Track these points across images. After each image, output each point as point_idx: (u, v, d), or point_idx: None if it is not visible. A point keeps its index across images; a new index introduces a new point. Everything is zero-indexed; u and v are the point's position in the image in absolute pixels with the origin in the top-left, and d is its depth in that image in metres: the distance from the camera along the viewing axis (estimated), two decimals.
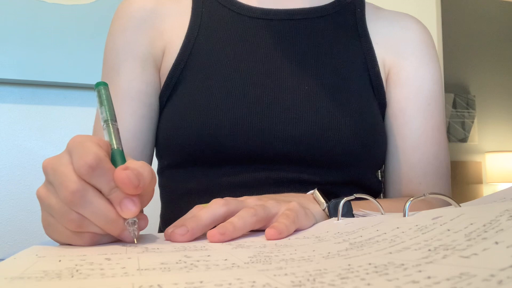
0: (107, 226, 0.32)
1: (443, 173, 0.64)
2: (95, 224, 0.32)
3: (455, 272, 0.16)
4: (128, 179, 0.31)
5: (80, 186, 0.31)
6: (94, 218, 0.32)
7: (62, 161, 0.32)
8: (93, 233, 0.33)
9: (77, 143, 0.32)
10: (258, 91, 0.57)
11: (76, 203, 0.31)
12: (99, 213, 0.32)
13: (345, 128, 0.57)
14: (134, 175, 0.31)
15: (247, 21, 0.63)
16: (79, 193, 0.31)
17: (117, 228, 0.33)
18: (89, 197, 0.31)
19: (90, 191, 0.31)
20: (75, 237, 0.33)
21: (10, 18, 1.25)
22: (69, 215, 0.32)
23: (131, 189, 0.31)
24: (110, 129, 0.37)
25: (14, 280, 0.21)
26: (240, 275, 0.21)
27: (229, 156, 0.56)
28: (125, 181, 0.31)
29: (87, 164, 0.31)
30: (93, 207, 0.31)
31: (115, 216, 0.32)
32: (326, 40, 0.63)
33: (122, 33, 0.62)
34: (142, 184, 0.32)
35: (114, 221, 0.32)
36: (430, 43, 0.68)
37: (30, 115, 1.30)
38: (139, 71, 0.61)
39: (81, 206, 0.31)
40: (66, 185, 0.31)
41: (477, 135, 3.49)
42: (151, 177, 0.33)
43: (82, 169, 0.31)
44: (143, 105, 0.60)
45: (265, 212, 0.39)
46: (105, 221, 0.32)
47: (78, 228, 0.32)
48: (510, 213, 0.23)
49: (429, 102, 0.64)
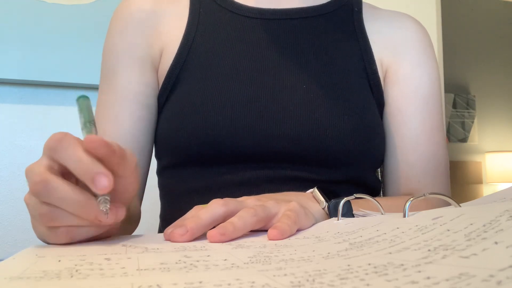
0: (79, 209, 0.31)
1: (442, 172, 0.64)
2: (66, 210, 0.32)
3: (455, 273, 0.16)
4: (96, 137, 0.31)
5: (43, 175, 0.31)
6: (63, 203, 0.31)
7: (36, 161, 0.33)
8: (67, 227, 0.33)
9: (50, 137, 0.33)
10: (256, 90, 0.57)
11: (41, 192, 0.31)
12: (67, 197, 0.31)
13: (343, 127, 0.57)
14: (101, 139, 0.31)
15: (244, 21, 0.63)
16: (42, 182, 0.31)
17: (90, 210, 0.32)
18: (53, 183, 0.31)
19: (54, 178, 0.31)
20: (50, 234, 0.33)
21: (10, 18, 1.25)
22: (39, 209, 0.32)
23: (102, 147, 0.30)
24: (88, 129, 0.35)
25: (13, 280, 0.21)
26: (240, 275, 0.21)
27: (228, 155, 0.56)
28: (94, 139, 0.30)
29: (54, 139, 0.31)
30: (59, 193, 0.31)
31: (84, 197, 0.31)
32: (324, 39, 0.63)
33: (120, 35, 0.62)
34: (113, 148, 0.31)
35: (84, 203, 0.31)
36: (428, 42, 0.68)
37: (30, 115, 1.30)
38: (138, 72, 0.61)
39: (47, 194, 0.31)
40: (32, 177, 0.31)
41: (477, 135, 3.50)
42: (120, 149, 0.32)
43: (49, 144, 0.31)
44: (142, 106, 0.60)
45: (265, 212, 0.39)
46: (76, 204, 0.31)
47: (50, 221, 0.32)
48: (510, 213, 0.23)
49: (427, 101, 0.64)
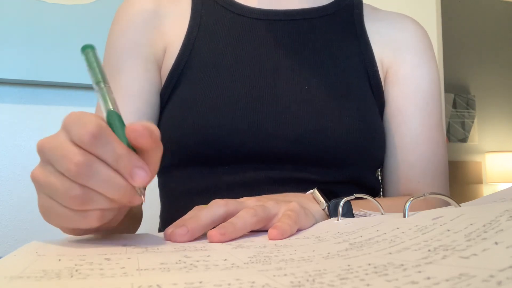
0: (118, 194, 0.30)
1: (441, 172, 0.64)
2: (104, 194, 0.30)
3: (455, 273, 0.16)
4: (142, 127, 0.30)
5: (85, 156, 0.29)
6: (104, 188, 0.30)
7: (59, 138, 0.31)
8: (99, 210, 0.31)
9: (74, 117, 0.31)
10: (257, 91, 0.57)
11: (83, 174, 0.29)
12: (109, 183, 0.30)
13: (344, 127, 0.57)
14: (144, 127, 0.30)
15: (246, 21, 0.63)
16: (85, 164, 0.29)
17: (128, 196, 0.31)
18: (96, 166, 0.29)
19: (97, 161, 0.30)
20: (79, 218, 0.31)
21: (10, 18, 1.25)
22: (72, 191, 0.30)
23: (146, 139, 0.30)
24: (103, 91, 0.34)
25: (13, 279, 0.21)
26: (240, 275, 0.21)
27: (229, 155, 0.56)
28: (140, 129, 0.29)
29: (89, 133, 0.29)
30: (101, 177, 0.29)
31: (125, 182, 0.30)
32: (325, 40, 0.63)
33: (124, 34, 0.62)
34: (154, 136, 0.30)
35: (125, 189, 0.30)
36: (428, 43, 0.68)
37: (30, 115, 1.30)
38: (142, 70, 0.61)
39: (89, 178, 0.29)
40: (70, 157, 0.29)
41: (477, 135, 3.50)
42: (158, 132, 0.31)
43: (84, 137, 0.29)
44: (146, 103, 0.60)
45: (265, 213, 0.39)
46: (116, 189, 0.30)
47: (82, 205, 0.30)
48: (510, 214, 0.23)
49: (427, 102, 0.65)
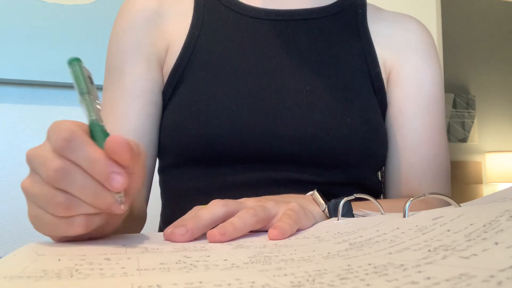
0: (96, 200, 0.31)
1: (443, 174, 0.64)
2: (84, 200, 0.31)
3: (455, 273, 0.16)
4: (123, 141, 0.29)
5: (62, 163, 0.30)
6: (82, 193, 0.30)
7: (42, 146, 0.31)
8: (84, 216, 0.31)
9: (53, 125, 0.31)
10: (260, 91, 0.57)
11: (61, 180, 0.30)
12: (87, 187, 0.30)
13: (346, 128, 0.57)
14: (125, 140, 0.30)
15: (249, 21, 0.63)
16: (62, 169, 0.30)
17: (106, 202, 0.31)
18: (73, 172, 0.30)
19: (74, 167, 0.30)
20: (66, 225, 0.31)
21: (10, 18, 1.25)
22: (56, 198, 0.30)
23: (125, 154, 0.30)
24: (87, 101, 0.34)
25: (13, 279, 0.21)
26: (240, 275, 0.21)
27: (230, 156, 0.56)
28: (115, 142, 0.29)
29: (61, 138, 0.30)
30: (79, 182, 0.30)
31: (102, 189, 0.31)
32: (328, 40, 0.63)
33: (126, 33, 0.62)
34: (133, 152, 0.30)
35: (102, 195, 0.31)
36: (431, 44, 0.68)
37: (30, 115, 1.30)
38: (144, 69, 0.61)
39: (67, 183, 0.30)
40: (48, 164, 0.30)
41: (477, 135, 3.50)
42: (137, 148, 0.31)
43: (57, 143, 0.30)
44: (149, 103, 0.60)
45: (265, 213, 0.39)
46: (94, 195, 0.30)
47: (67, 210, 0.31)
48: (510, 214, 0.23)
49: (429, 103, 0.64)
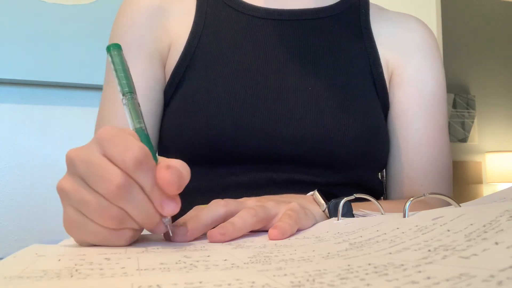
0: (147, 221, 0.31)
1: (445, 175, 0.64)
2: (135, 219, 0.31)
3: (455, 273, 0.16)
4: (172, 179, 0.30)
5: (126, 180, 0.29)
6: (136, 213, 0.30)
7: (94, 153, 0.30)
8: (132, 229, 0.32)
9: (113, 135, 0.30)
10: (262, 91, 0.57)
11: (122, 197, 0.29)
12: (142, 209, 0.30)
13: (349, 129, 0.57)
14: (177, 175, 0.30)
15: (251, 20, 0.63)
16: (125, 187, 0.29)
17: (153, 223, 0.32)
18: (134, 192, 0.29)
19: (135, 186, 0.30)
20: (113, 236, 0.31)
21: (10, 18, 1.25)
22: (110, 211, 0.29)
23: (174, 191, 0.30)
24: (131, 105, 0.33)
25: (13, 279, 0.21)
26: (240, 275, 0.21)
27: (232, 156, 0.56)
28: (169, 182, 0.30)
29: (136, 158, 0.29)
30: (136, 202, 0.30)
31: (154, 212, 0.31)
32: (330, 40, 0.63)
33: (129, 29, 0.61)
34: (183, 185, 0.31)
35: (153, 217, 0.31)
36: (434, 45, 0.68)
37: (30, 115, 1.30)
38: (147, 66, 0.60)
39: (126, 201, 0.29)
40: (110, 178, 0.29)
41: (477, 135, 3.50)
42: (188, 176, 0.31)
43: (130, 162, 0.29)
44: (150, 100, 0.60)
45: (265, 213, 0.39)
46: (146, 216, 0.31)
47: (118, 224, 0.30)
48: (510, 214, 0.23)
49: (431, 104, 0.64)
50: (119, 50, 0.35)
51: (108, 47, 0.35)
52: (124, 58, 0.35)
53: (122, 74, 0.33)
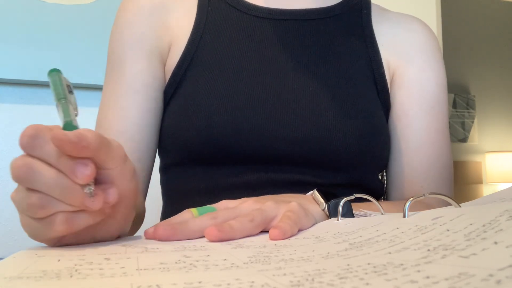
0: (65, 195, 0.30)
1: (445, 177, 0.64)
2: (55, 197, 0.30)
3: (454, 272, 0.16)
4: (64, 135, 0.29)
5: (24, 160, 0.30)
6: (51, 189, 0.30)
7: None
8: (63, 214, 0.31)
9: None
10: (263, 91, 0.57)
11: (25, 177, 0.29)
12: (52, 182, 0.30)
13: (350, 130, 0.57)
14: (73, 134, 0.29)
15: (253, 20, 0.63)
16: (24, 166, 0.29)
17: (76, 196, 0.30)
18: (36, 167, 0.30)
19: (36, 162, 0.30)
20: (46, 226, 0.31)
21: (10, 18, 1.25)
22: (28, 198, 0.30)
23: (69, 147, 0.29)
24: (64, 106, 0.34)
25: (13, 279, 0.21)
26: (239, 275, 0.21)
27: (232, 156, 0.56)
28: (61, 137, 0.29)
29: (26, 135, 0.30)
30: (43, 177, 0.30)
31: (70, 182, 0.30)
32: (332, 41, 0.63)
33: (129, 26, 0.61)
34: (84, 143, 0.29)
35: (70, 188, 0.30)
36: (436, 46, 0.68)
37: (30, 115, 1.30)
38: (146, 64, 0.60)
39: (32, 178, 0.29)
40: (13, 164, 0.30)
41: (477, 135, 3.50)
42: (97, 139, 0.30)
43: (22, 140, 0.30)
44: (149, 98, 0.60)
45: (263, 217, 0.39)
46: (61, 189, 0.30)
47: (41, 210, 0.30)
48: (509, 213, 0.23)
49: (432, 105, 0.64)
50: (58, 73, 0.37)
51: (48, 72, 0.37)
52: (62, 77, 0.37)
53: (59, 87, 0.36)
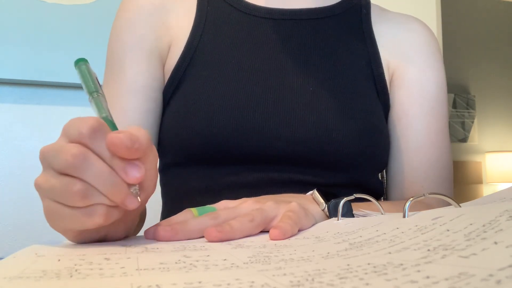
0: (112, 190, 0.30)
1: (445, 177, 0.64)
2: (100, 190, 0.30)
3: (454, 272, 0.16)
4: (118, 139, 0.29)
5: (82, 149, 0.29)
6: (99, 182, 0.30)
7: (58, 141, 0.32)
8: (104, 206, 0.31)
9: (73, 120, 0.31)
10: (262, 91, 0.57)
11: (79, 165, 0.29)
12: (104, 176, 0.30)
13: (349, 130, 0.57)
14: (127, 138, 0.30)
15: (252, 20, 0.63)
16: (81, 155, 0.29)
17: (121, 193, 0.31)
18: (91, 159, 0.30)
19: (92, 154, 0.30)
20: (84, 216, 0.31)
21: (10, 18, 1.25)
22: (73, 186, 0.30)
23: (124, 151, 0.30)
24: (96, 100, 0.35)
25: (13, 279, 0.21)
26: (239, 275, 0.21)
27: (232, 156, 0.56)
28: (116, 142, 0.29)
29: (89, 126, 0.30)
30: (96, 170, 0.30)
31: (119, 179, 0.31)
32: (331, 41, 0.63)
33: (128, 26, 0.61)
34: (137, 146, 0.30)
35: (118, 185, 0.31)
36: (436, 46, 0.68)
37: (30, 115, 1.30)
38: (145, 65, 0.60)
39: (84, 169, 0.29)
40: (67, 150, 0.29)
41: (477, 135, 3.50)
42: (147, 140, 0.31)
43: (85, 131, 0.29)
44: (149, 99, 0.60)
45: (263, 217, 0.39)
46: (110, 184, 0.30)
47: (84, 199, 0.30)
48: (509, 213, 0.23)
49: (432, 105, 0.64)
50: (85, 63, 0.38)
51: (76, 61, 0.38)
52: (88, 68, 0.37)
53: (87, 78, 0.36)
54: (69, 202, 0.30)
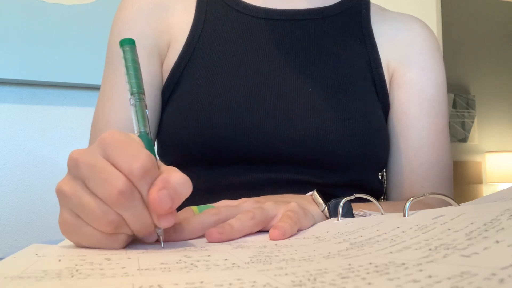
0: (141, 229, 0.31)
1: (445, 177, 0.64)
2: (131, 227, 0.30)
3: (456, 271, 0.16)
4: (160, 201, 0.29)
5: (129, 187, 0.28)
6: (133, 221, 0.30)
7: (97, 157, 0.29)
8: (126, 235, 0.31)
9: (120, 141, 0.29)
10: (261, 92, 0.57)
11: (122, 204, 0.28)
12: (139, 217, 0.30)
13: (348, 130, 0.57)
14: (168, 197, 0.29)
15: (251, 20, 0.63)
16: (127, 194, 0.28)
17: (148, 232, 0.31)
18: (135, 201, 0.29)
19: (137, 194, 0.29)
20: (107, 240, 0.30)
21: (10, 18, 1.25)
22: (108, 216, 0.29)
23: (161, 212, 0.29)
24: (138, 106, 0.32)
25: (14, 279, 0.21)
26: (241, 275, 0.21)
27: (231, 156, 0.56)
28: (156, 204, 0.29)
29: (143, 167, 0.28)
30: (135, 211, 0.29)
31: (151, 221, 0.30)
32: (330, 41, 0.63)
33: (128, 24, 0.61)
34: (175, 206, 0.30)
35: (149, 227, 0.31)
36: (436, 46, 0.68)
37: (30, 115, 1.30)
38: (145, 62, 0.60)
39: (125, 208, 0.29)
40: (114, 183, 0.28)
41: (477, 135, 3.49)
42: (187, 195, 0.30)
43: (137, 171, 0.28)
44: (148, 96, 0.60)
45: (263, 215, 0.39)
46: (142, 225, 0.30)
47: (115, 229, 0.30)
48: (510, 212, 0.23)
49: (432, 105, 0.64)
50: (132, 46, 0.33)
51: (121, 42, 0.33)
52: (136, 55, 0.34)
53: (132, 73, 0.32)
54: (99, 227, 0.30)
